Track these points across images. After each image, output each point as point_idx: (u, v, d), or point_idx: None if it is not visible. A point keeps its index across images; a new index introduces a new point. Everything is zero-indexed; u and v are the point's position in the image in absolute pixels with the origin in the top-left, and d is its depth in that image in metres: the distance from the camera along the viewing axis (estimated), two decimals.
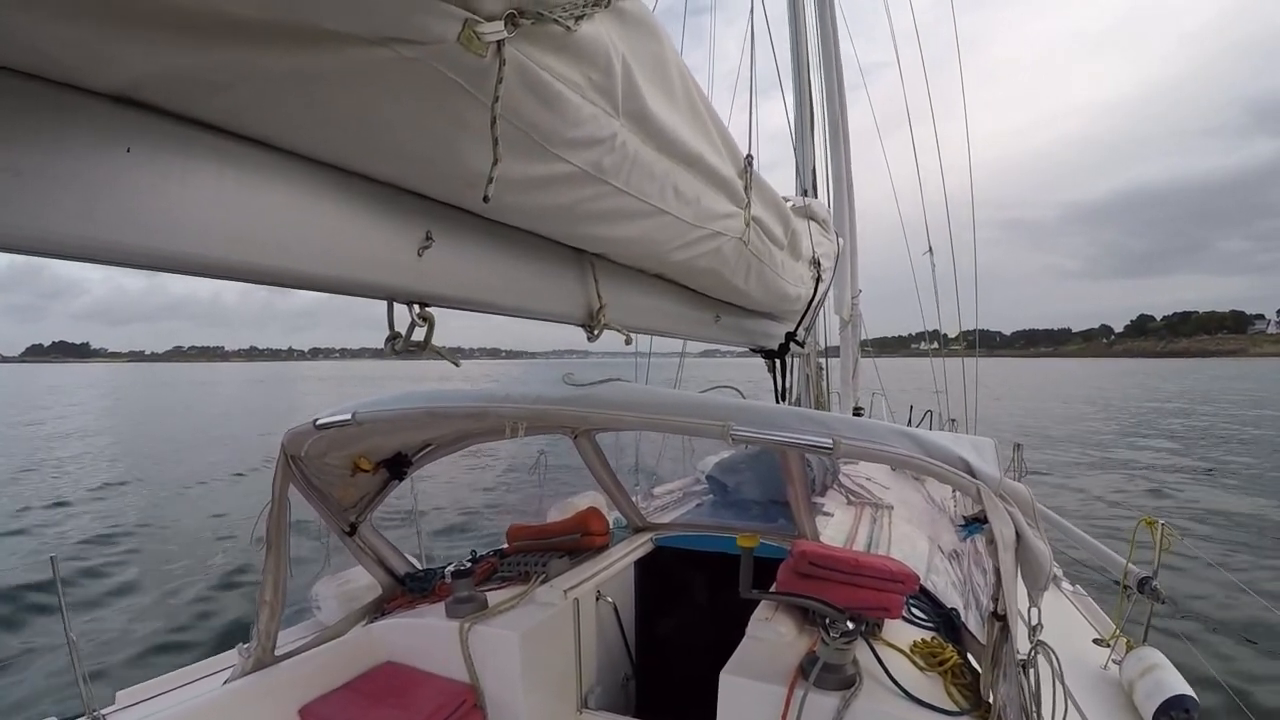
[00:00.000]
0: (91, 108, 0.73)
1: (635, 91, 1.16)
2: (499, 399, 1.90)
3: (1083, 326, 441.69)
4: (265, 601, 2.10)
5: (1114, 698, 2.27)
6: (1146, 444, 18.83)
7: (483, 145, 0.91)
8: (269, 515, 2.10)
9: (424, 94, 0.84)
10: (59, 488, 13.38)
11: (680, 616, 3.07)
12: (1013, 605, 1.38)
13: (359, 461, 2.36)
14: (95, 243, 0.75)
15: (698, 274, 2.02)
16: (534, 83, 0.92)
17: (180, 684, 2.26)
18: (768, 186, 2.14)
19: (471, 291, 1.33)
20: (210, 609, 6.73)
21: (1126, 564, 2.60)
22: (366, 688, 2.21)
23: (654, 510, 3.74)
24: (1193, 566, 6.69)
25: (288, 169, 0.93)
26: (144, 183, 0.78)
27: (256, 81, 0.77)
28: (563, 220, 1.34)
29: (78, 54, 0.67)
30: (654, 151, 1.32)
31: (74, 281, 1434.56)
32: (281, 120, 0.86)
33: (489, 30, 0.79)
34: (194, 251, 0.84)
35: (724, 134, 1.68)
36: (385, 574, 2.65)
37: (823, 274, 3.29)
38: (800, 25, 6.33)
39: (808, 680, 1.72)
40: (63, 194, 0.71)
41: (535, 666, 2.25)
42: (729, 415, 1.60)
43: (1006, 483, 1.43)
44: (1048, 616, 1.49)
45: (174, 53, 0.70)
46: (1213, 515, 10.10)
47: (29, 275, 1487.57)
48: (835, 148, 6.31)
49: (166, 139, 0.80)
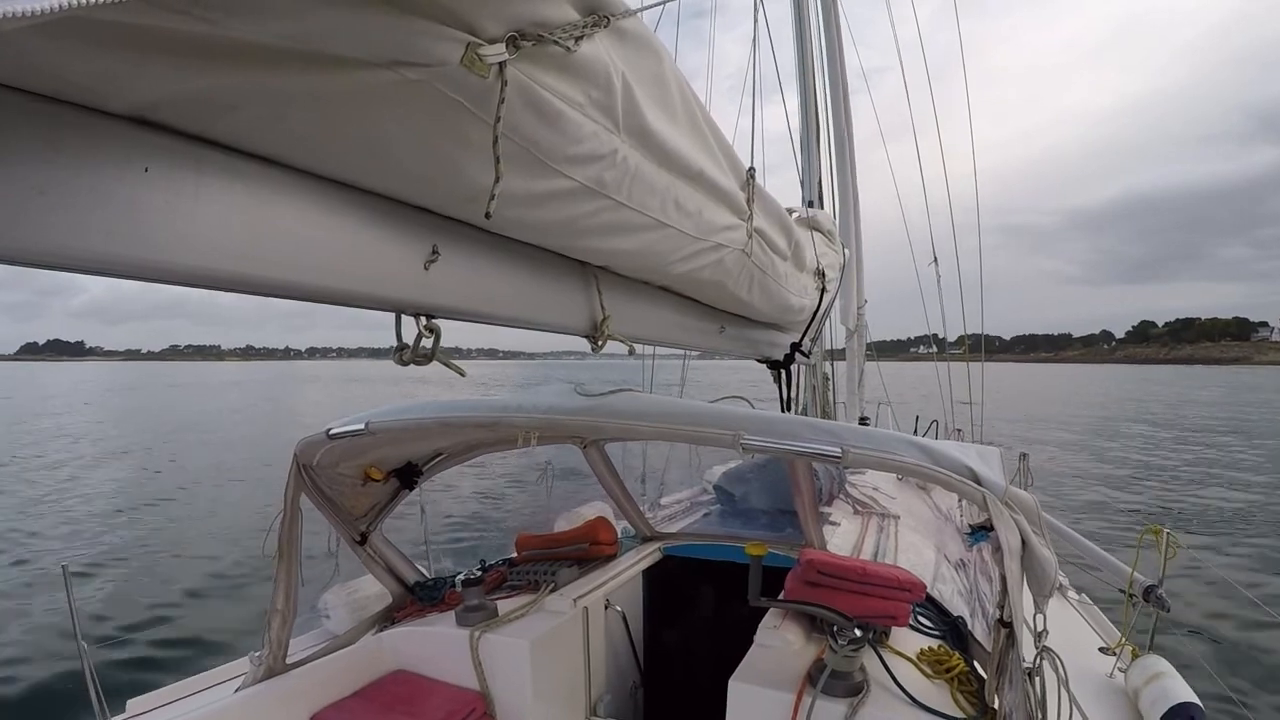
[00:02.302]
0: (111, 129, 0.76)
1: (635, 108, 1.19)
2: (511, 409, 1.92)
3: (1083, 332, 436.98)
4: (277, 610, 2.12)
5: (1119, 705, 2.26)
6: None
7: (486, 162, 0.94)
8: (281, 524, 2.13)
9: (428, 114, 0.87)
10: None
11: (688, 625, 3.08)
12: (1018, 612, 1.39)
13: (370, 471, 2.38)
14: (116, 259, 0.78)
15: (701, 285, 2.04)
16: (535, 101, 0.95)
17: (191, 692, 2.29)
18: (770, 198, 2.16)
19: (477, 304, 1.35)
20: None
21: (1132, 572, 2.59)
22: (377, 696, 2.22)
23: (662, 520, 3.75)
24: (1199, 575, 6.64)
25: (297, 186, 0.96)
26: (160, 200, 0.81)
27: (267, 102, 0.80)
28: (565, 234, 1.36)
29: (98, 77, 0.71)
30: (655, 166, 1.35)
31: (72, 280, 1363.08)
32: (291, 139, 0.89)
33: (491, 53, 0.82)
34: (208, 266, 0.87)
35: (725, 147, 1.71)
36: (395, 582, 2.67)
37: (828, 285, 3.31)
38: (805, 34, 6.36)
39: (816, 687, 1.73)
40: (85, 212, 0.74)
41: (545, 675, 2.26)
42: (740, 425, 1.62)
43: (1012, 491, 1.44)
44: (1053, 624, 1.49)
45: (189, 76, 0.73)
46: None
47: (27, 272, 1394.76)
48: (840, 159, 6.33)
49: (182, 158, 0.83)
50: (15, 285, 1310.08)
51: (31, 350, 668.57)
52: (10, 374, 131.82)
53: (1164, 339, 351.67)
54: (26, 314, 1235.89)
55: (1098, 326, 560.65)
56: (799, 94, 6.22)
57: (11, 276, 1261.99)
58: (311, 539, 2.21)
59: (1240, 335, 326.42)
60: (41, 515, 11.38)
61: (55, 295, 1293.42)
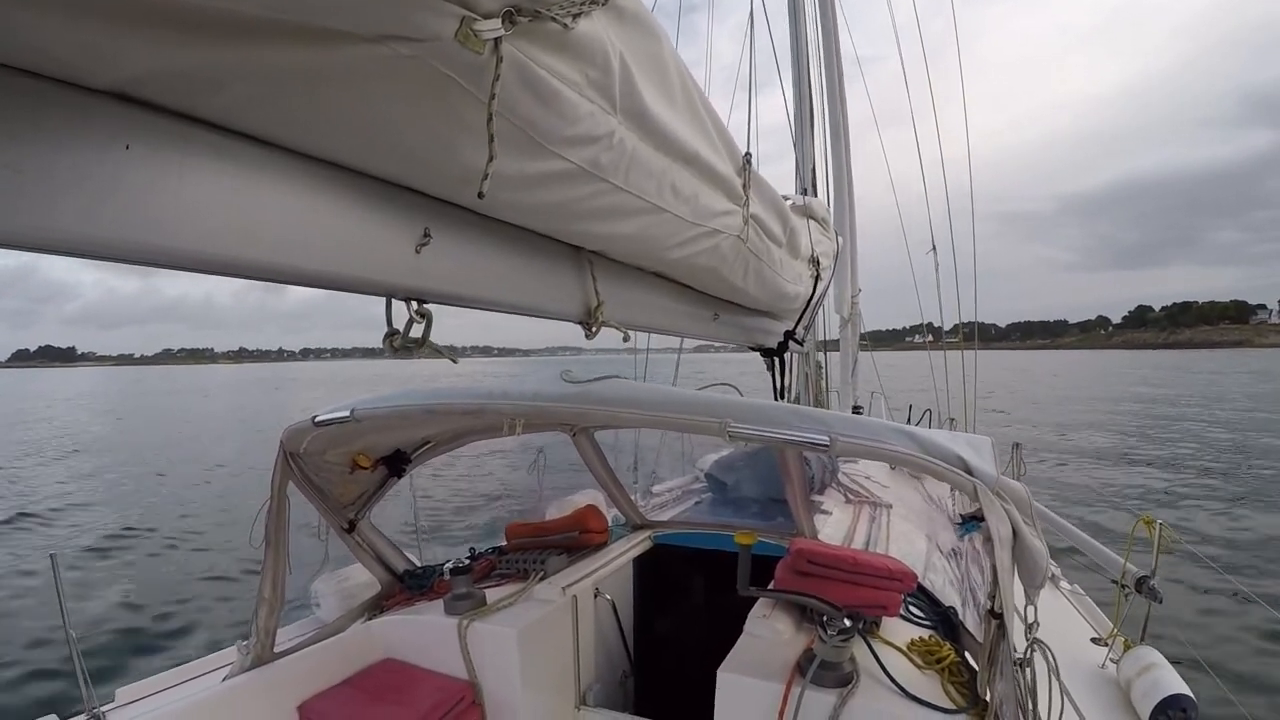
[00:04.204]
0: (92, 105, 0.73)
1: (633, 89, 1.16)
2: (497, 396, 1.90)
3: (1079, 318, 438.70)
4: (264, 598, 2.10)
5: (1111, 697, 2.28)
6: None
7: (480, 142, 0.91)
8: (268, 512, 2.11)
9: (421, 91, 0.84)
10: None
11: (678, 614, 3.08)
12: (1009, 603, 1.38)
13: (358, 458, 2.36)
14: (96, 239, 0.75)
15: (696, 272, 2.02)
16: (531, 80, 0.92)
17: (179, 681, 2.27)
18: (766, 184, 2.14)
19: (469, 288, 1.33)
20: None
21: (1124, 563, 2.60)
22: (365, 684, 2.21)
23: (653, 508, 3.75)
24: (1192, 565, 6.70)
25: (286, 166, 0.93)
26: (143, 179, 0.78)
27: (254, 79, 0.77)
28: (560, 217, 1.34)
29: (79, 51, 0.67)
30: (651, 149, 1.32)
31: (66, 285, 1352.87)
32: (279, 117, 0.86)
33: (486, 28, 0.79)
34: (192, 248, 0.84)
35: (722, 132, 1.68)
36: (384, 571, 2.66)
37: (822, 272, 3.29)
38: (800, 20, 6.32)
39: (805, 678, 1.73)
40: (64, 191, 0.71)
41: (534, 663, 2.26)
42: (727, 412, 1.60)
43: (1003, 481, 1.44)
44: (1046, 615, 1.49)
45: (173, 50, 0.70)
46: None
47: (20, 278, 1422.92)
48: (835, 146, 6.31)
49: (165, 136, 0.80)
50: (10, 292, 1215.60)
51: (23, 357, 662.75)
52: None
53: (1162, 323, 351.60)
54: (21, 321, 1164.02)
55: (1094, 312, 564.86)
56: (793, 79, 6.18)
57: (6, 283, 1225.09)
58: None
59: (1239, 318, 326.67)
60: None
61: (50, 301, 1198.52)
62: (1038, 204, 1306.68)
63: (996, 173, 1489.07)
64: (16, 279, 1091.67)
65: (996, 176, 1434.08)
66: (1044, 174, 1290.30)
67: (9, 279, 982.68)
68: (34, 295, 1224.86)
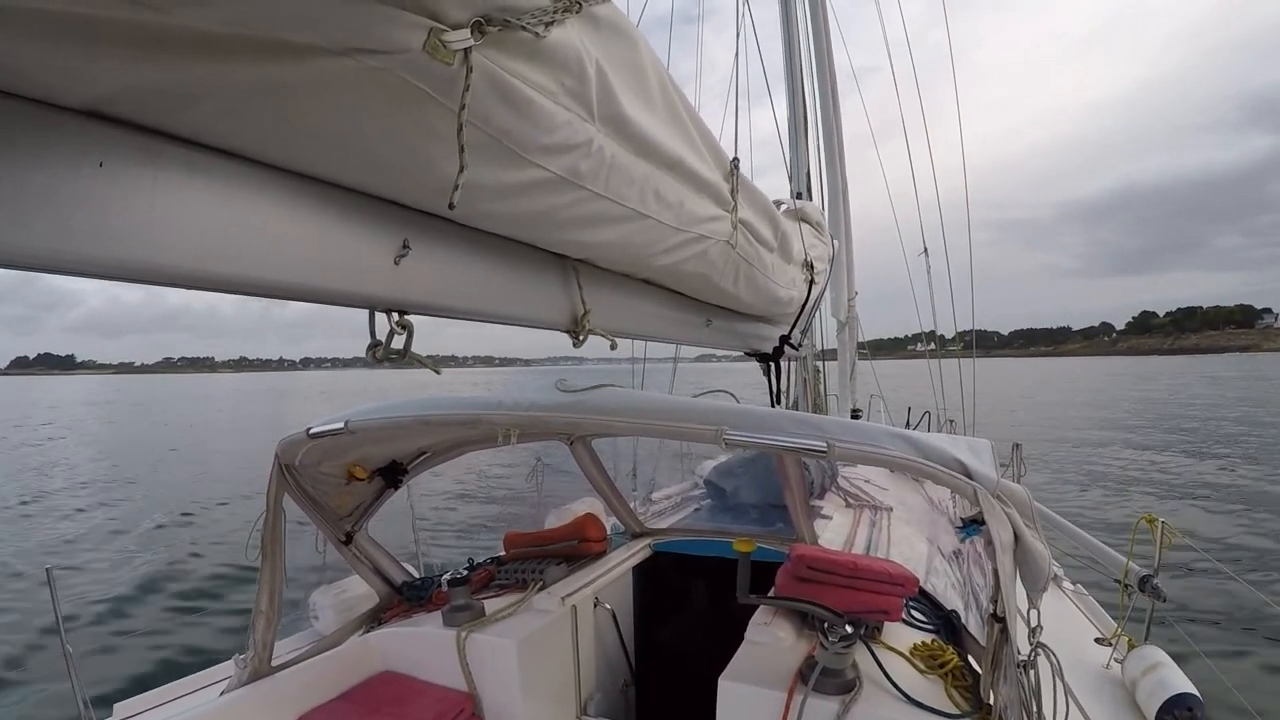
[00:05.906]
0: (65, 123, 0.74)
1: (611, 96, 1.17)
2: (492, 406, 1.89)
3: (1082, 325, 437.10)
4: (261, 611, 2.09)
5: (1116, 697, 2.25)
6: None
7: (454, 153, 0.91)
8: (264, 525, 2.10)
9: (392, 103, 0.84)
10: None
11: (679, 622, 3.06)
12: (1012, 606, 1.37)
13: (354, 470, 2.36)
14: (70, 256, 0.76)
15: (685, 278, 2.02)
16: (504, 90, 0.92)
17: (177, 695, 2.26)
18: (755, 189, 2.14)
19: (451, 299, 1.33)
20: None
21: (1127, 563, 2.58)
22: (364, 698, 2.20)
23: (652, 516, 3.73)
24: (1196, 564, 6.65)
25: (260, 180, 0.93)
26: (116, 196, 0.78)
27: (224, 94, 0.78)
28: (542, 226, 1.34)
29: (53, 71, 0.68)
30: (632, 156, 1.32)
31: (69, 293, 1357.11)
32: (250, 132, 0.86)
33: (455, 39, 0.79)
34: (167, 262, 0.84)
35: (707, 138, 1.68)
36: (382, 583, 2.65)
37: (816, 276, 3.29)
38: (793, 27, 6.34)
39: (807, 685, 1.71)
40: (37, 208, 0.71)
41: (533, 674, 2.24)
42: (722, 419, 1.60)
43: (1004, 484, 1.43)
44: (1049, 616, 1.48)
45: (144, 68, 0.70)
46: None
47: (23, 286, 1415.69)
48: (829, 150, 6.31)
49: (138, 152, 0.80)
50: (12, 299, 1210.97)
51: (22, 364, 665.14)
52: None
53: (1167, 329, 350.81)
54: (24, 328, 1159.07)
55: (1097, 319, 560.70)
56: (785, 82, 6.20)
57: (9, 290, 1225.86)
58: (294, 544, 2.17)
59: (1245, 323, 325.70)
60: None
61: (52, 309, 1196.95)
62: (1037, 211, 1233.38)
63: (995, 180, 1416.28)
64: (20, 285, 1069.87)
65: (995, 184, 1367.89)
66: (1043, 181, 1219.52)
67: (12, 286, 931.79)
68: (37, 302, 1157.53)
